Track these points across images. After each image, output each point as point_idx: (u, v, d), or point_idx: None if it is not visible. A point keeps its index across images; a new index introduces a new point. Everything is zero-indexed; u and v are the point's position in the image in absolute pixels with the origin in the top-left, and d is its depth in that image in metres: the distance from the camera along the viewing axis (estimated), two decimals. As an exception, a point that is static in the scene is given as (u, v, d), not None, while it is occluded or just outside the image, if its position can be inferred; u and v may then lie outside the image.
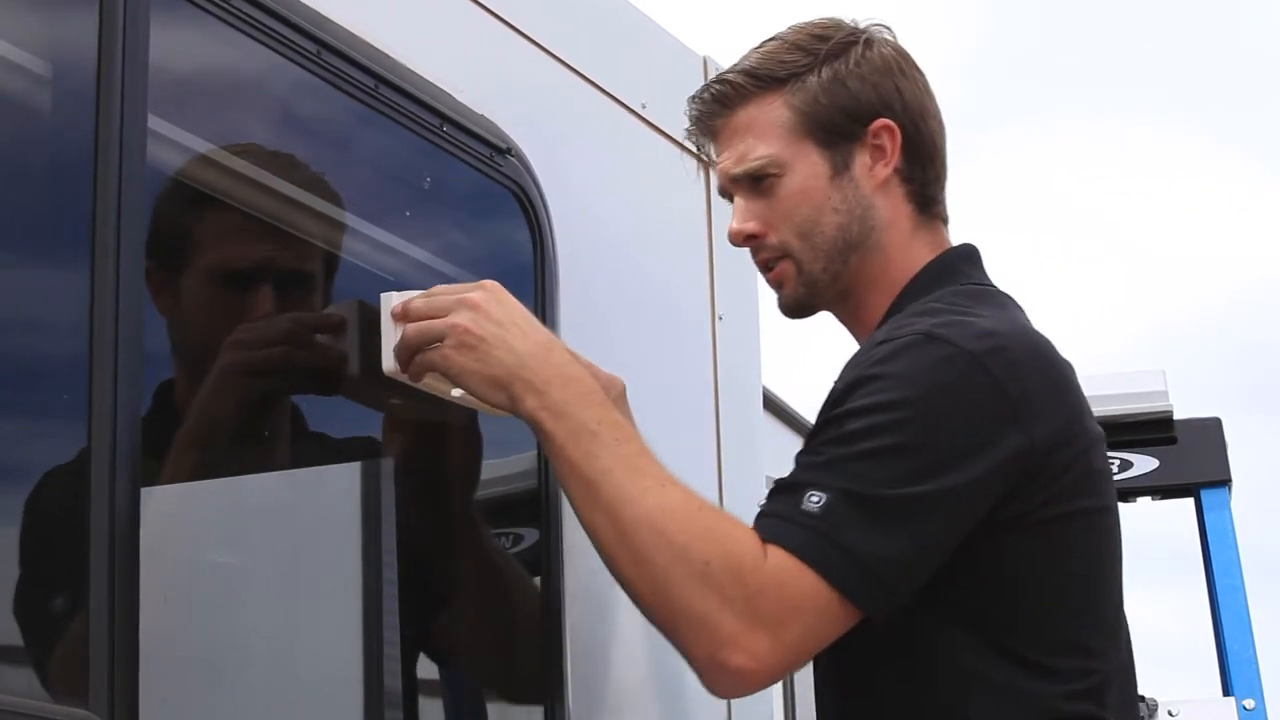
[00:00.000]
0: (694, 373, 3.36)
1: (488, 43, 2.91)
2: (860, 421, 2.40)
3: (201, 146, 2.45)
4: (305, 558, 2.60)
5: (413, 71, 2.67)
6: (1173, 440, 6.84)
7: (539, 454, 2.82)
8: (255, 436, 2.61)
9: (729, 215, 2.87)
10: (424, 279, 2.70)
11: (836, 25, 2.69)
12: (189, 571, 2.38)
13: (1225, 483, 6.94)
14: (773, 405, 5.38)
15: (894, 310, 2.62)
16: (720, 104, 2.68)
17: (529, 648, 2.82)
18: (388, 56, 2.62)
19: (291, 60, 2.46)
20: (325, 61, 2.50)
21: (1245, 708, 6.51)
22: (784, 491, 2.41)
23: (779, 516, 2.38)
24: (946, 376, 2.42)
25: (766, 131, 2.64)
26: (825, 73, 2.64)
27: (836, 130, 2.63)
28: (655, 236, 3.33)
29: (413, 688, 2.71)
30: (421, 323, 2.45)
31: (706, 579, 2.33)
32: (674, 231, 3.39)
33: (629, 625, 3.05)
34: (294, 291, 2.54)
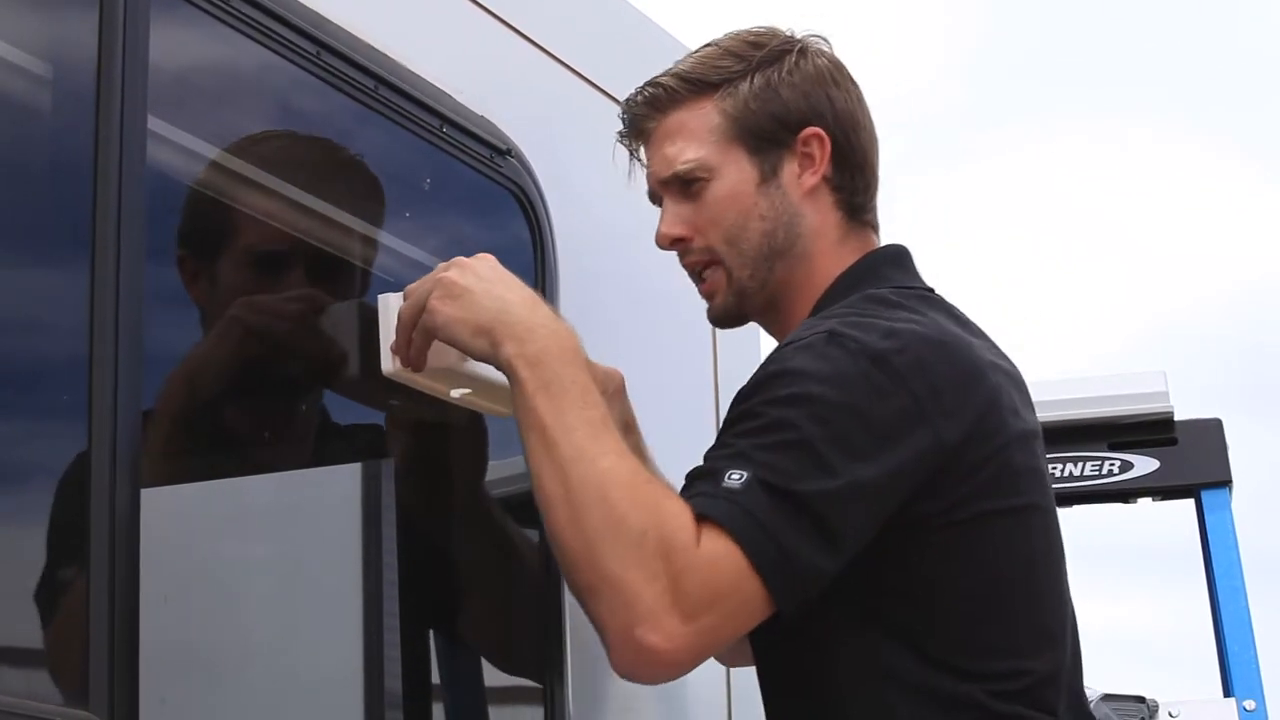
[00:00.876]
0: (694, 374, 3.36)
1: (488, 44, 2.91)
2: (767, 416, 2.40)
3: (201, 147, 2.45)
4: (305, 557, 2.60)
5: (412, 72, 2.67)
6: (1173, 441, 6.84)
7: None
8: (256, 437, 2.62)
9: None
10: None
11: (772, 34, 2.69)
12: (189, 571, 2.38)
13: (1226, 484, 6.94)
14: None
15: (813, 314, 2.61)
16: (652, 107, 2.69)
17: (530, 645, 2.82)
18: (387, 57, 2.62)
19: (291, 61, 2.46)
20: (325, 62, 2.51)
21: (1246, 709, 6.51)
22: (701, 476, 2.40)
23: (704, 494, 2.37)
24: (851, 373, 2.40)
25: (696, 136, 2.64)
26: (758, 79, 2.64)
27: (766, 137, 2.63)
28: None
29: (413, 688, 2.71)
30: (408, 289, 2.47)
31: (640, 549, 2.30)
32: (674, 232, 3.38)
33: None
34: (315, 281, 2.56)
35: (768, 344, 3.61)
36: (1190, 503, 6.97)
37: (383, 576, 2.61)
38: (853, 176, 2.67)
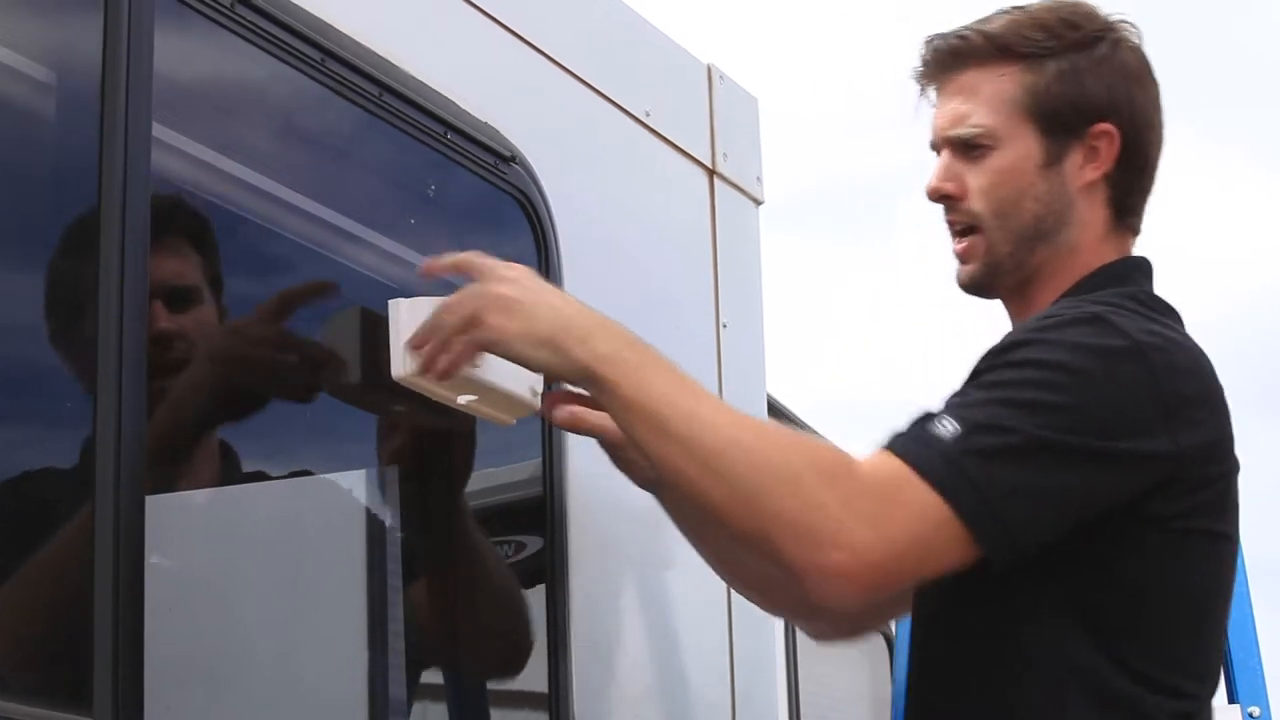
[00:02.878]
0: (698, 380, 3.35)
1: (492, 50, 2.91)
2: (1014, 373, 2.38)
3: (206, 154, 2.45)
4: (309, 566, 2.60)
5: (417, 79, 2.67)
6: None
7: (543, 461, 2.82)
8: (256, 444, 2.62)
9: (734, 223, 2.86)
10: (429, 286, 2.70)
11: (1089, 16, 2.65)
12: (193, 580, 2.38)
13: (1230, 489, 6.92)
14: (777, 413, 5.38)
15: (1056, 303, 2.59)
16: (954, 56, 2.64)
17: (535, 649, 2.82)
18: (392, 64, 2.62)
19: (295, 68, 2.46)
20: (329, 69, 2.51)
21: (1251, 715, 6.50)
22: (917, 421, 2.37)
23: (902, 435, 2.35)
24: (1108, 356, 2.39)
25: (991, 101, 2.61)
26: (1065, 62, 2.60)
27: (1060, 122, 2.60)
28: (659, 244, 3.33)
29: (416, 697, 2.71)
30: (450, 302, 2.43)
31: (800, 484, 2.27)
32: (678, 239, 3.39)
33: (634, 631, 3.05)
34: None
35: (772, 352, 3.63)
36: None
37: (387, 584, 2.61)
38: (1132, 178, 2.65)
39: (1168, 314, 2.58)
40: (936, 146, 2.67)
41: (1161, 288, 2.69)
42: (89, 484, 2.05)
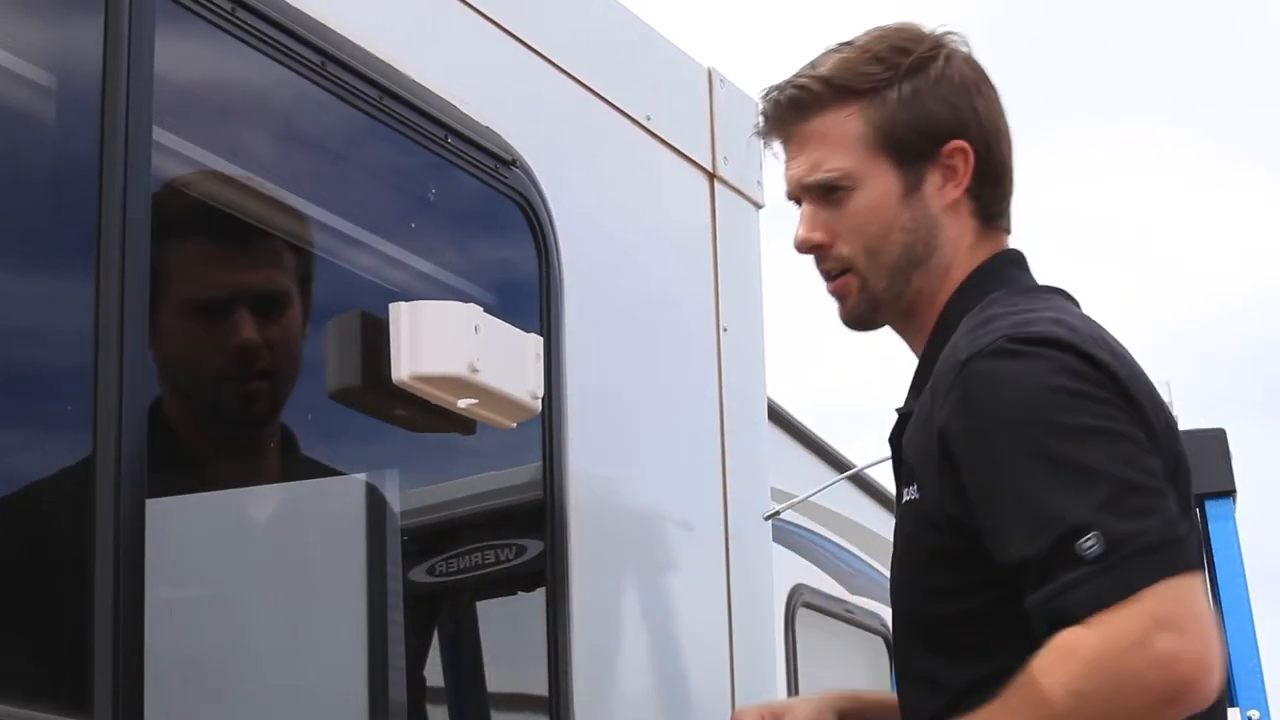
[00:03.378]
0: (698, 385, 3.36)
1: (493, 54, 2.91)
2: (1054, 458, 2.36)
3: (205, 158, 2.45)
4: (309, 571, 2.60)
5: (418, 83, 2.67)
6: (1177, 451, 6.81)
7: (544, 465, 2.82)
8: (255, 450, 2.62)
9: (735, 226, 2.86)
10: (429, 290, 2.71)
11: (917, 37, 2.66)
12: (193, 584, 2.38)
13: (1230, 494, 6.91)
14: (777, 417, 5.38)
15: (944, 318, 2.62)
16: (796, 108, 2.66)
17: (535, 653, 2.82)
18: (392, 68, 2.62)
19: (296, 72, 2.46)
20: (330, 73, 2.51)
21: (1250, 719, 6.50)
22: (1053, 557, 2.32)
23: (1073, 585, 2.31)
24: (1085, 376, 2.41)
25: (842, 144, 2.63)
26: (905, 89, 2.62)
27: (911, 149, 2.62)
28: (660, 248, 3.33)
29: (417, 701, 2.71)
30: None
31: (1094, 685, 2.28)
32: (679, 243, 3.39)
33: (634, 635, 3.05)
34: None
35: (772, 356, 3.63)
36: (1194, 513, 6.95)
37: (387, 590, 2.61)
38: (992, 186, 2.67)
39: (1044, 297, 2.59)
40: (795, 198, 2.69)
41: (1048, 276, 2.70)
42: (89, 487, 2.05)
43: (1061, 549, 2.30)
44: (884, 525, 6.30)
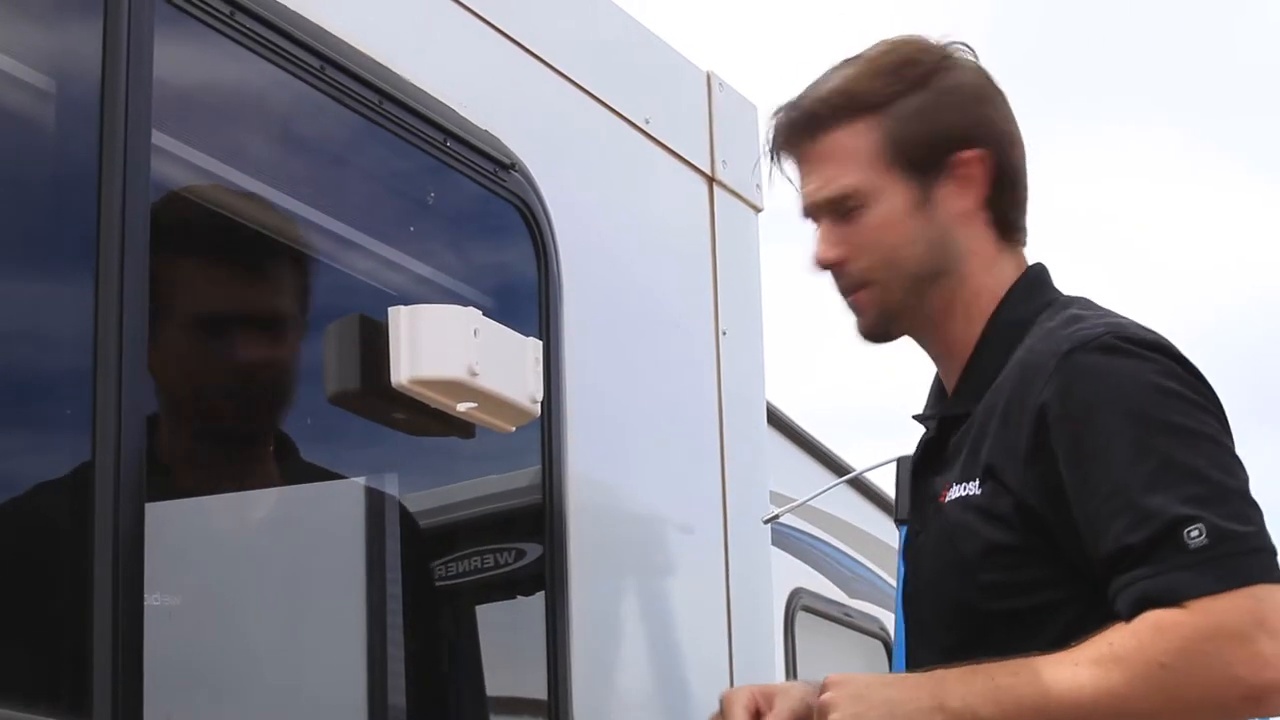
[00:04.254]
0: (698, 388, 3.36)
1: (491, 58, 2.92)
2: (1160, 449, 2.38)
3: (205, 162, 2.45)
4: (310, 574, 2.60)
5: (417, 87, 2.67)
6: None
7: (544, 468, 2.82)
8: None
9: (733, 230, 2.86)
10: (429, 294, 2.71)
11: (924, 49, 2.66)
12: (193, 586, 2.38)
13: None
14: (776, 420, 5.38)
15: (991, 331, 2.62)
16: (807, 126, 2.65)
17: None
18: (392, 72, 2.62)
19: (295, 75, 2.46)
20: (329, 77, 2.51)
21: (1249, 722, 6.49)
22: (1155, 544, 2.35)
23: (1178, 568, 2.33)
24: (1180, 377, 2.44)
25: (853, 159, 2.61)
26: (914, 101, 2.61)
27: (923, 161, 2.61)
28: (659, 251, 3.33)
29: (416, 705, 2.71)
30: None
31: (1181, 662, 2.30)
32: (678, 246, 3.39)
33: (634, 639, 3.05)
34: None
35: (771, 359, 3.63)
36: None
37: (386, 593, 2.61)
38: (1008, 194, 2.66)
39: (1104, 306, 2.61)
40: (811, 216, 2.68)
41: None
42: (88, 490, 2.05)
43: (1166, 536, 2.33)
44: (884, 529, 6.31)
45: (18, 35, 2.15)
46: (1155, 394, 2.41)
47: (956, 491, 2.52)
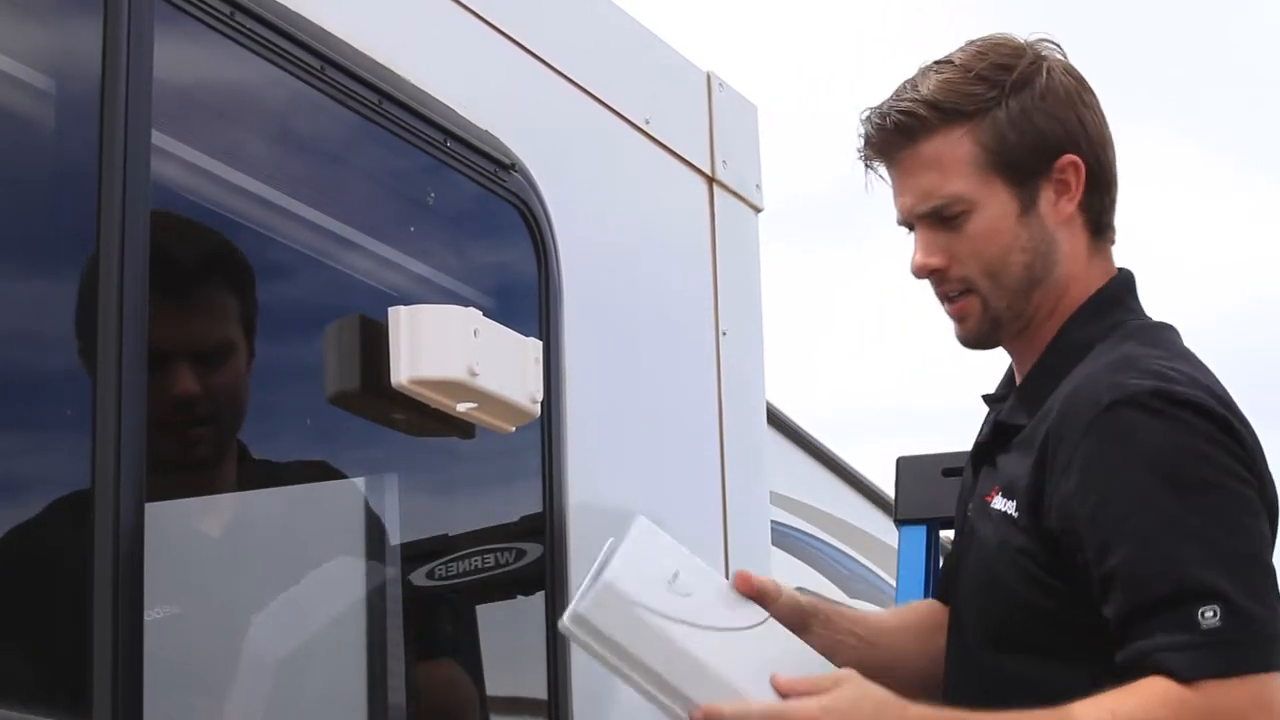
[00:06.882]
0: (698, 388, 3.36)
1: (492, 58, 2.92)
2: (1183, 515, 2.39)
3: (205, 162, 2.45)
4: (309, 575, 2.60)
5: (417, 87, 2.67)
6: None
7: (543, 469, 2.82)
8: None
9: (733, 230, 2.85)
10: (428, 294, 2.71)
11: (1016, 52, 2.65)
12: (193, 588, 2.38)
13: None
14: (776, 420, 5.38)
15: (1061, 340, 2.63)
16: (904, 134, 2.63)
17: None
18: (392, 72, 2.62)
19: (295, 75, 2.46)
20: (329, 77, 2.51)
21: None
22: (1169, 610, 2.37)
23: (1187, 646, 2.35)
24: (1219, 442, 2.44)
25: (954, 168, 2.60)
26: (1012, 106, 2.60)
27: (1024, 168, 2.60)
28: (659, 251, 3.33)
29: (416, 705, 2.70)
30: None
31: None
32: (678, 247, 3.39)
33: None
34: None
35: (771, 359, 3.63)
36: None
37: (386, 594, 2.61)
38: (1102, 196, 2.66)
39: (1165, 341, 2.61)
40: (909, 224, 2.67)
41: (1145, 295, 2.72)
42: (88, 490, 2.05)
43: (1182, 604, 2.35)
44: (883, 529, 6.31)
45: (18, 35, 2.16)
46: (1189, 459, 2.41)
47: (999, 503, 2.55)
